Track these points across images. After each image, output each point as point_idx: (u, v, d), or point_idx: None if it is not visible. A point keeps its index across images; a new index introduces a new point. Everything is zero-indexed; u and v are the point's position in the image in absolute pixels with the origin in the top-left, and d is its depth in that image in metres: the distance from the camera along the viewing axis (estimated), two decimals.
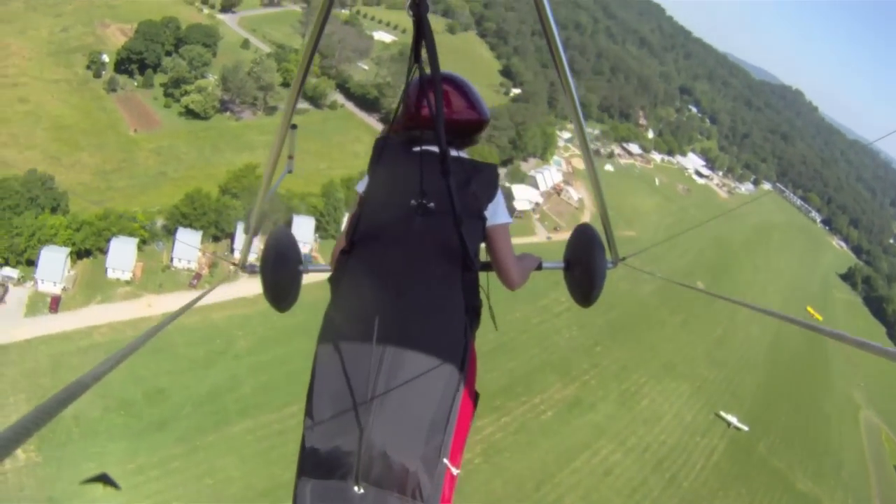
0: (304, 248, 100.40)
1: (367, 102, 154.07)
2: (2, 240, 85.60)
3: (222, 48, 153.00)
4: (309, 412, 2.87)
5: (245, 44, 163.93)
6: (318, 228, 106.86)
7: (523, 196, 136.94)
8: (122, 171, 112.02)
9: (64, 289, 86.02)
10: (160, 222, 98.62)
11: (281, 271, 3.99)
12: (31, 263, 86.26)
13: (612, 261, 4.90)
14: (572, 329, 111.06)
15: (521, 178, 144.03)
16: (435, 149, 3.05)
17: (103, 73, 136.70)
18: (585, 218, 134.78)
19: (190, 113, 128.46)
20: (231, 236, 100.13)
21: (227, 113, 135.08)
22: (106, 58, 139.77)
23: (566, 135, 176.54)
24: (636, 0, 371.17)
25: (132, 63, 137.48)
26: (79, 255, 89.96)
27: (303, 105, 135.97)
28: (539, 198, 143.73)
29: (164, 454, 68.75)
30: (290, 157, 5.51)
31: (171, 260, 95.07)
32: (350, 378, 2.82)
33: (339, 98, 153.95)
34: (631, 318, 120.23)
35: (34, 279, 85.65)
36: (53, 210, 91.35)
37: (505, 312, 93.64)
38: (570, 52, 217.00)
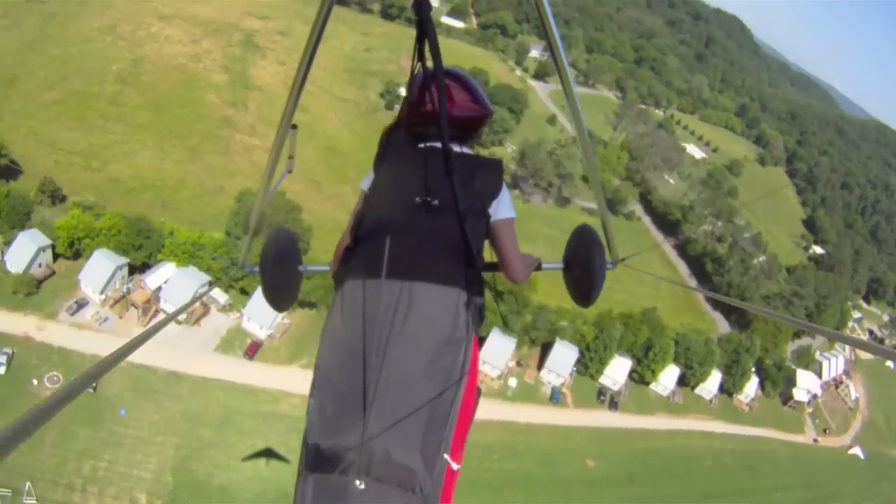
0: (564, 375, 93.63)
1: (666, 223, 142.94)
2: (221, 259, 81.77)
3: (527, 118, 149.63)
4: (310, 407, 3.01)
5: (552, 119, 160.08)
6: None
7: (805, 384, 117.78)
8: None
9: (269, 336, 79.54)
10: None
11: (280, 271, 4.25)
12: (246, 293, 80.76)
13: (611, 261, 5.02)
14: None
15: (808, 361, 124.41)
16: (440, 145, 3.19)
17: (396, 106, 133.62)
18: (856, 424, 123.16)
19: None
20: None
21: (517, 191, 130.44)
22: (403, 91, 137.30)
23: (857, 314, 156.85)
24: None
25: None
26: (301, 303, 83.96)
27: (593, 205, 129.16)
28: (819, 389, 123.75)
29: None
30: (291, 158, 5.56)
31: None
32: (352, 374, 2.91)
33: (638, 209, 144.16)
34: None
35: (241, 313, 79.95)
36: None
37: None
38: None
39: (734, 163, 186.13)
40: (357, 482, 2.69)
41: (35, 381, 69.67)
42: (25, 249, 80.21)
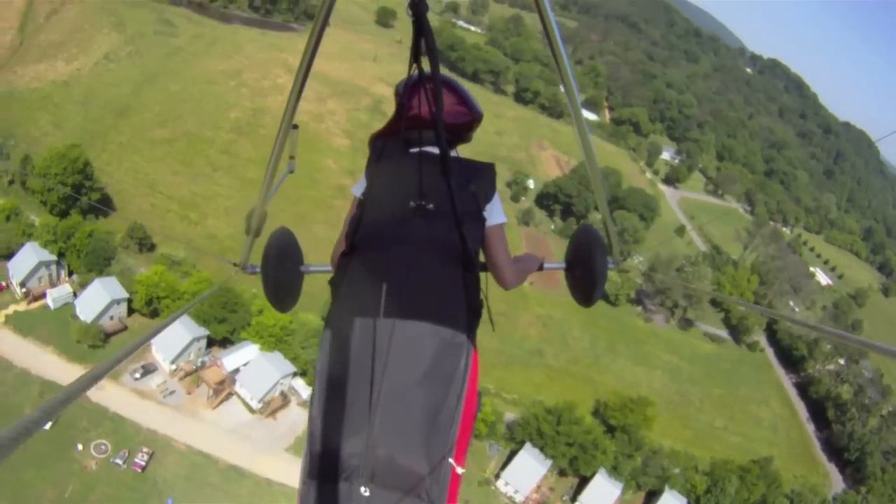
0: None
1: (791, 358, 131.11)
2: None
3: (655, 225, 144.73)
4: (312, 415, 2.99)
5: (680, 230, 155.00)
6: None
7: None
8: (500, 321, 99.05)
9: None
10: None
11: (282, 271, 4.32)
12: None
13: (613, 261, 5.10)
14: None
15: None
16: (432, 149, 3.51)
17: (522, 198, 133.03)
18: None
19: None
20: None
21: (639, 307, 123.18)
22: (532, 183, 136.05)
23: None
24: None
25: (557, 202, 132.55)
26: None
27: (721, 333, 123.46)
28: None
29: None
30: (292, 158, 5.84)
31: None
32: (354, 381, 2.94)
33: (762, 339, 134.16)
34: None
35: None
36: None
37: None
38: None
39: (859, 292, 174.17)
40: (362, 489, 2.70)
41: (80, 447, 65.26)
42: (99, 298, 77.33)
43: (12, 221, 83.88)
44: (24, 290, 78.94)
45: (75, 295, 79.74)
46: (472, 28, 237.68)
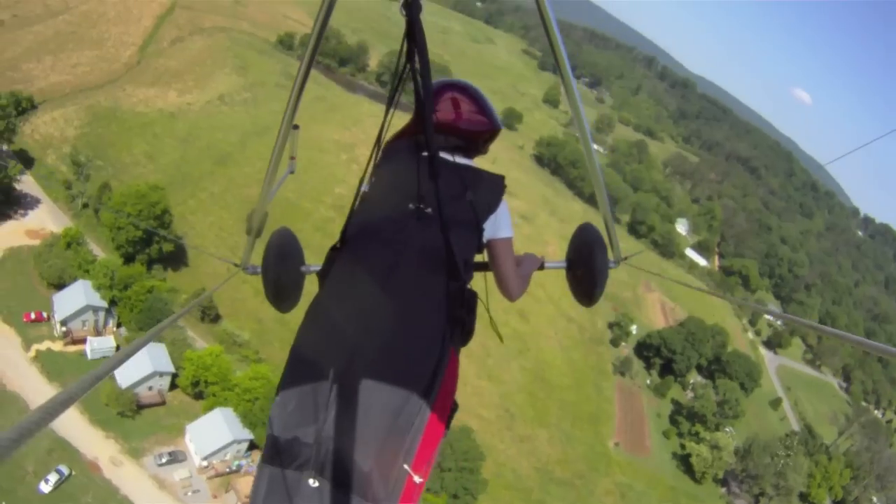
0: None
1: None
2: None
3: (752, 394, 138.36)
4: (276, 400, 3.04)
5: (775, 403, 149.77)
6: None
7: None
8: (575, 484, 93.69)
9: None
10: None
11: (283, 271, 4.30)
12: None
13: (614, 260, 5.06)
14: None
15: None
16: (445, 155, 3.70)
17: (623, 343, 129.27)
18: None
19: (685, 462, 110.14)
20: None
21: (723, 489, 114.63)
22: (635, 328, 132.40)
23: None
24: None
25: (657, 355, 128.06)
26: None
27: None
28: None
29: None
30: (292, 158, 5.86)
31: None
32: (318, 372, 2.94)
33: None
34: None
35: None
36: None
37: None
38: None
39: None
40: (311, 480, 2.75)
41: None
42: (142, 364, 71.49)
43: (72, 250, 78.75)
44: (63, 328, 73.98)
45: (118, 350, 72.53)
46: (595, 146, 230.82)
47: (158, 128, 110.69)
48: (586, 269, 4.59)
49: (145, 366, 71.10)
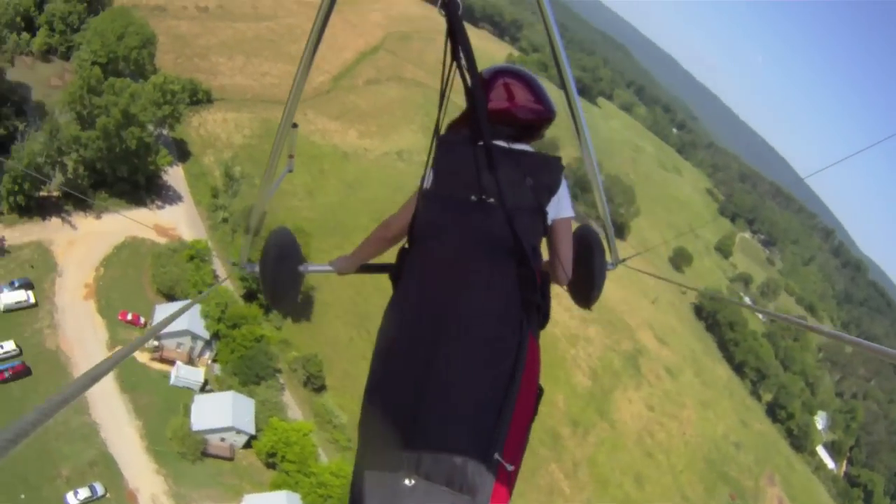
0: None
1: None
2: None
3: None
4: (364, 403, 3.14)
5: None
6: None
7: None
8: None
9: None
10: None
11: (281, 270, 4.46)
12: None
13: (612, 262, 5.26)
14: None
15: None
16: (501, 143, 3.67)
17: None
18: None
19: None
20: None
21: None
22: None
23: None
24: None
25: None
26: None
27: None
28: None
29: None
30: (291, 157, 5.83)
31: None
32: (404, 373, 3.04)
33: None
34: None
35: None
36: None
37: None
38: None
39: None
40: (406, 479, 2.78)
41: None
42: (222, 414, 67.02)
43: (194, 265, 74.30)
44: (156, 343, 70.29)
45: (204, 387, 70.24)
46: (759, 314, 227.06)
47: (327, 164, 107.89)
48: (584, 270, 4.68)
49: (225, 417, 66.49)
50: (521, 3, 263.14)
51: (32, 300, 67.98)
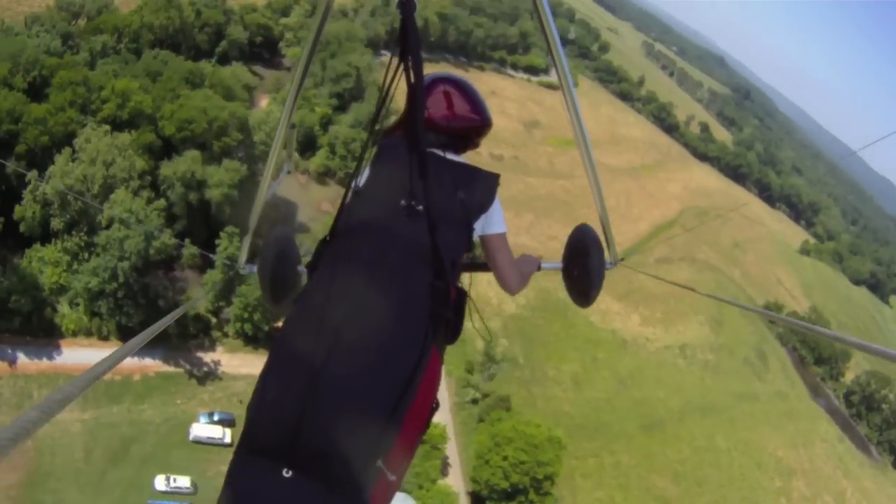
0: None
1: None
2: None
3: None
4: (257, 387, 3.12)
5: None
6: None
7: None
8: None
9: None
10: None
11: (280, 270, 4.47)
12: None
13: (610, 261, 5.26)
14: None
15: None
16: (438, 152, 3.77)
17: None
18: None
19: None
20: None
21: None
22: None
23: None
24: None
25: None
26: None
27: None
28: None
29: None
30: (289, 157, 6.07)
31: None
32: (298, 365, 3.02)
33: None
34: None
35: None
36: None
37: None
38: None
39: None
40: (284, 470, 2.78)
41: None
42: None
43: None
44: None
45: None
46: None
47: (603, 353, 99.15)
48: (583, 269, 4.73)
49: None
50: None
51: (228, 440, 66.13)
